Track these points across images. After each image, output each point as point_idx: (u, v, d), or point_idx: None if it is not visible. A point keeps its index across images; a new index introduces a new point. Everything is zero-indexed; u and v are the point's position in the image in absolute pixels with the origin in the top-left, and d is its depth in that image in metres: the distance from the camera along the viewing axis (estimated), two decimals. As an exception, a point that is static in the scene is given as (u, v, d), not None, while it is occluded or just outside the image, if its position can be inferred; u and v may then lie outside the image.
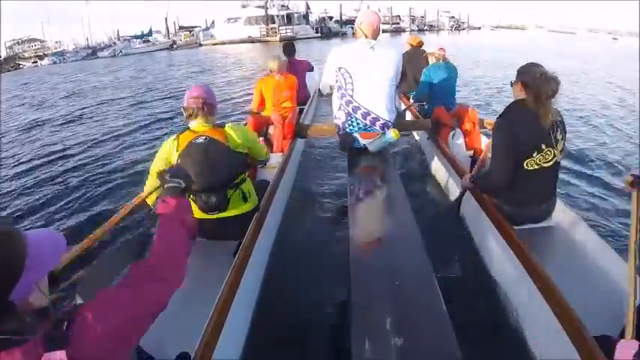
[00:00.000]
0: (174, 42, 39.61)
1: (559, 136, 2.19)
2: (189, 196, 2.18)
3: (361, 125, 3.02)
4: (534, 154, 2.16)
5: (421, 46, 5.61)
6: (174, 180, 1.43)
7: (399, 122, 3.16)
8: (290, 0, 43.85)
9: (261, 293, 2.45)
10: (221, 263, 2.23)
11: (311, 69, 6.04)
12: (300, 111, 5.28)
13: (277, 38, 36.13)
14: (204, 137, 2.20)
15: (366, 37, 2.93)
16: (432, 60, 4.57)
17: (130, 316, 0.96)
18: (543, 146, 2.16)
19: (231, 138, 2.28)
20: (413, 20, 57.02)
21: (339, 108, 3.06)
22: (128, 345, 0.98)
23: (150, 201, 2.23)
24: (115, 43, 39.97)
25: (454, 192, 3.33)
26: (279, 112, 4.30)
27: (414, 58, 5.38)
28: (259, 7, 39.22)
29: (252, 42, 36.20)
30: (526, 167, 2.19)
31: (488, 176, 2.38)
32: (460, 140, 4.13)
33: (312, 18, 47.23)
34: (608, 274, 2.06)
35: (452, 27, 61.03)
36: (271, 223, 2.89)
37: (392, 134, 3.00)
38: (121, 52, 35.56)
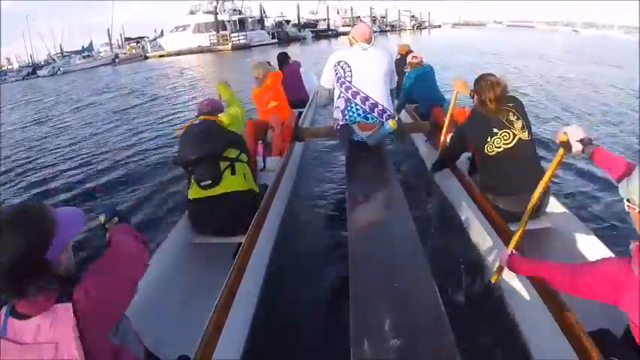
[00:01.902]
0: (116, 55, 35.44)
1: (512, 117, 2.44)
2: (191, 174, 2.55)
3: (360, 111, 3.05)
4: (489, 139, 2.46)
5: (408, 54, 5.61)
6: (107, 220, 1.55)
7: (398, 124, 3.17)
8: (244, 0, 40.14)
9: (261, 294, 2.40)
10: (221, 265, 2.28)
11: (299, 65, 6.01)
12: (299, 114, 5.24)
13: (229, 46, 32.72)
14: (199, 120, 2.62)
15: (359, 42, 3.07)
16: (409, 69, 4.95)
17: (119, 276, 1.18)
18: (495, 130, 2.44)
19: (222, 118, 2.66)
20: (374, 21, 55.26)
21: (339, 96, 3.10)
22: (121, 304, 1.18)
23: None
24: (54, 60, 35.66)
25: (452, 193, 3.37)
26: (268, 113, 4.24)
27: (402, 66, 5.42)
28: (209, 12, 35.39)
29: (202, 52, 32.55)
30: (489, 152, 2.47)
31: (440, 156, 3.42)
32: None
33: (268, 22, 43.66)
34: None
35: (413, 26, 59.81)
36: (271, 225, 2.87)
37: (389, 124, 3.02)
38: (59, 69, 31.45)
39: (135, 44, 39.51)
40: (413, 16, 62.24)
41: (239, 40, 34.41)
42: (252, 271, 2.20)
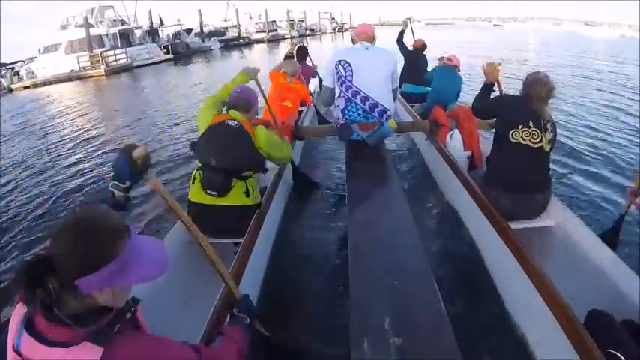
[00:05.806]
0: (-28, 91, 26.76)
1: (549, 127, 2.42)
2: (198, 171, 2.48)
3: (360, 111, 3.09)
4: (519, 127, 2.39)
5: (425, 49, 6.02)
6: (240, 315, 1.44)
7: (398, 123, 3.29)
8: (136, 0, 32.11)
9: (260, 294, 2.44)
10: None
11: (314, 75, 6.33)
12: (299, 113, 5.13)
13: (102, 70, 24.60)
14: (236, 122, 2.43)
15: (362, 41, 3.14)
16: (441, 63, 5.15)
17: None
18: (531, 123, 2.39)
19: (258, 137, 2.48)
20: (292, 25, 50.93)
21: (339, 95, 3.14)
22: None
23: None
24: None
25: (451, 192, 3.43)
26: (277, 110, 4.01)
27: (419, 58, 5.90)
28: (82, 25, 27.38)
29: (71, 79, 24.65)
30: (513, 138, 2.41)
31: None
32: (458, 141, 3.99)
33: (165, 33, 36.31)
34: (606, 274, 2.07)
35: (335, 29, 56.24)
36: (271, 224, 2.91)
37: (389, 124, 3.09)
38: None
39: (10, 70, 30.92)
40: (333, 19, 58.77)
41: (117, 60, 26.26)
42: (251, 271, 2.25)
